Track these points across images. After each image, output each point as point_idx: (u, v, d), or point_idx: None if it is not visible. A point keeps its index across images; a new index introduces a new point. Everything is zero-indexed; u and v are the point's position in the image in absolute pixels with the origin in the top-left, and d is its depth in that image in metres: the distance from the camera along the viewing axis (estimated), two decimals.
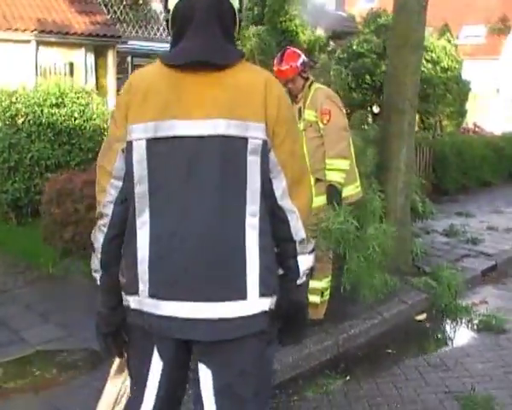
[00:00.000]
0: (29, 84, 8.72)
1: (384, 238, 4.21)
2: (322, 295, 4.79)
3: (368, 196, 5.34)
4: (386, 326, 5.13)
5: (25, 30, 10.08)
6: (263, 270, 1.88)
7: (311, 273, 2.15)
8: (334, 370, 4.40)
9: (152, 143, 1.86)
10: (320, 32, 8.72)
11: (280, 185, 1.91)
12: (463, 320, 5.28)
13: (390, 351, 4.74)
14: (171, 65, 1.91)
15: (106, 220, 1.96)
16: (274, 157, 1.90)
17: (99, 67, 11.20)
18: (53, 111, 7.67)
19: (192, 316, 1.85)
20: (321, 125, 4.47)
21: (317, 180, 4.54)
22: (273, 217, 1.93)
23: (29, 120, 7.59)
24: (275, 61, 4.74)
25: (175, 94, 1.89)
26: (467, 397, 3.92)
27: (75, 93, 7.99)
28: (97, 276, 2.06)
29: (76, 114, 7.66)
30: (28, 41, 9.92)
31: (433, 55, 9.83)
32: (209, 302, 1.84)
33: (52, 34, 9.98)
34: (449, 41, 10.97)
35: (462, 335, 5.06)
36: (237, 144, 1.84)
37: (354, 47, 9.29)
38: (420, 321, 5.36)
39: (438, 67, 9.93)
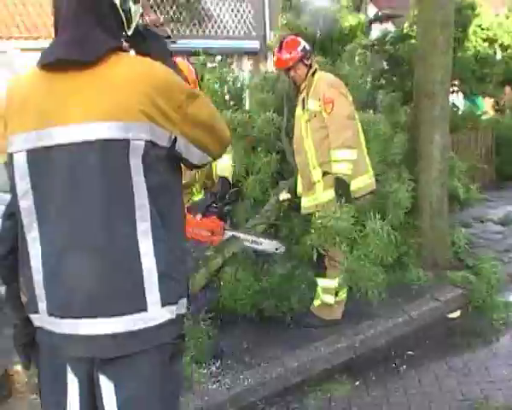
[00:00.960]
0: None
1: (385, 233, 3.89)
2: (336, 294, 4.56)
3: (392, 186, 5.06)
4: (412, 326, 4.80)
5: (46, 38, 10.30)
6: (163, 278, 1.76)
7: None
8: (346, 374, 4.16)
9: (33, 154, 1.74)
10: (362, 15, 8.35)
11: (195, 157, 1.89)
12: (498, 319, 4.86)
13: (412, 353, 4.44)
14: (43, 66, 1.78)
15: None
16: (181, 140, 1.80)
17: None
18: None
19: (90, 333, 1.74)
20: (324, 114, 4.25)
21: (325, 173, 4.34)
22: None
23: None
24: (275, 51, 4.57)
25: (52, 98, 1.74)
26: (481, 405, 3.59)
27: None
28: (2, 289, 2.00)
29: None
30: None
31: (490, 33, 9.21)
32: (107, 318, 1.72)
33: None
34: (507, 17, 10.24)
35: (492, 335, 4.63)
36: (118, 148, 1.69)
37: (405, 30, 8.88)
38: (453, 319, 5.00)
39: (496, 45, 9.30)
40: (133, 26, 1.91)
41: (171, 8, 12.54)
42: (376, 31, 10.08)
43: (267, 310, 4.66)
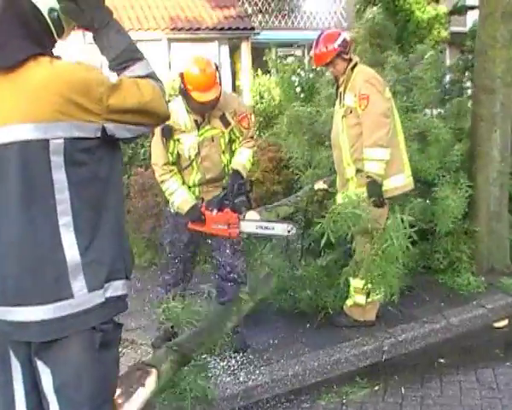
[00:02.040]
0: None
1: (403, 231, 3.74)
2: (368, 295, 4.43)
3: (443, 192, 4.87)
4: (450, 333, 4.61)
5: (156, 29, 10.71)
6: (88, 265, 1.88)
7: None
8: (368, 378, 4.07)
9: None
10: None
11: (129, 133, 1.96)
12: None
13: (443, 361, 4.26)
14: None
15: None
16: (110, 128, 1.90)
17: (235, 61, 11.57)
18: None
19: (23, 319, 1.88)
20: (359, 110, 4.15)
21: (358, 171, 4.24)
22: None
23: None
24: (313, 46, 4.49)
25: None
26: None
27: None
28: None
29: None
30: (159, 39, 10.50)
31: None
32: (37, 306, 1.86)
33: (183, 31, 10.47)
34: None
35: None
36: (38, 148, 1.80)
37: None
38: (498, 329, 4.74)
39: None
40: (65, 35, 2.01)
41: None
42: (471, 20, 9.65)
43: (302, 302, 4.65)
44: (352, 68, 4.33)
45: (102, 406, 1.99)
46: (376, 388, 3.95)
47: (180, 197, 3.98)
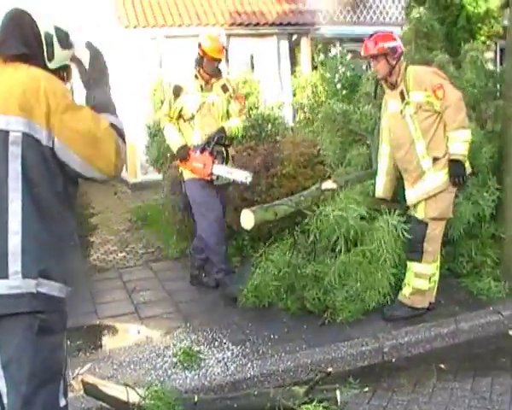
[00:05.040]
0: None
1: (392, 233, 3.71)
2: (429, 279, 4.54)
3: (457, 199, 4.77)
4: (458, 338, 4.49)
5: (215, 24, 10.88)
6: (26, 254, 2.07)
7: None
8: (361, 379, 4.01)
9: None
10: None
11: (76, 163, 2.15)
12: None
13: (443, 367, 4.17)
14: None
15: None
16: (59, 143, 2.11)
17: (296, 56, 11.59)
18: None
19: None
20: (436, 101, 4.31)
21: (435, 159, 4.39)
22: None
23: None
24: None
25: None
26: None
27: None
28: None
29: None
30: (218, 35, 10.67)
31: None
32: None
33: (242, 26, 10.59)
34: None
35: None
36: (1, 137, 2.08)
37: None
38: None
39: None
40: (54, 64, 2.30)
41: None
42: None
43: (309, 301, 4.69)
44: (405, 69, 4.49)
45: (40, 387, 2.13)
46: (366, 389, 3.91)
47: (174, 138, 5.12)
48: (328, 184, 4.81)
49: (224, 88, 5.18)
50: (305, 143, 6.55)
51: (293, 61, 12.00)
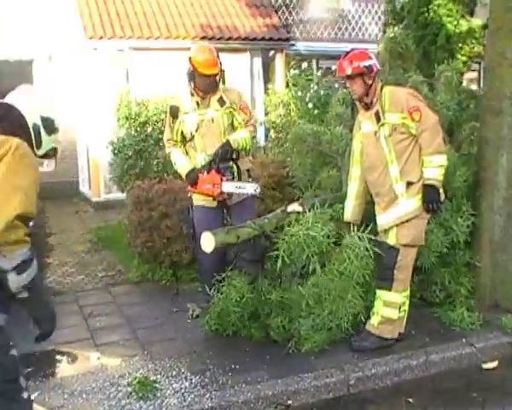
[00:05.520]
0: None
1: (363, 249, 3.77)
2: (399, 309, 4.58)
3: (429, 225, 4.83)
4: (428, 371, 4.53)
5: (185, 37, 10.93)
6: None
7: None
8: None
9: None
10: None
11: None
12: None
13: (411, 401, 4.19)
14: None
15: None
16: None
17: (269, 71, 11.70)
18: None
19: None
20: (411, 124, 4.38)
21: (409, 184, 4.45)
22: None
23: (157, 128, 8.27)
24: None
25: None
26: None
27: None
28: None
29: None
30: (188, 48, 10.72)
31: None
32: None
33: (214, 40, 10.64)
34: None
35: None
36: None
37: None
38: (486, 370, 4.62)
39: None
40: (42, 151, 2.88)
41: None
42: None
43: (273, 329, 4.72)
44: (381, 89, 4.57)
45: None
46: None
47: (181, 163, 5.07)
48: (294, 207, 4.85)
49: (221, 101, 5.01)
50: (274, 164, 6.63)
51: (267, 79, 12.09)
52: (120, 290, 6.32)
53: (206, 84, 4.92)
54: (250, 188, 4.79)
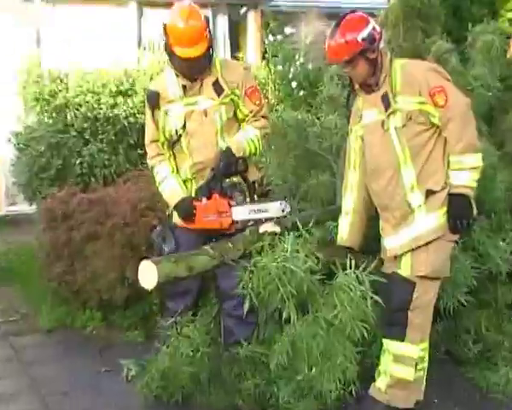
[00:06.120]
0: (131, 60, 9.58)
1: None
2: (415, 366, 4.53)
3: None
4: None
5: None
6: None
7: None
8: None
9: None
10: None
11: None
12: None
13: None
14: None
15: None
16: None
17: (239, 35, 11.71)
18: (115, 101, 8.30)
19: None
20: (433, 111, 4.36)
21: (429, 193, 4.44)
22: None
23: (81, 114, 8.27)
24: (328, 33, 4.62)
25: None
26: None
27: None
28: None
29: None
30: (126, 3, 10.77)
31: None
32: None
33: None
34: None
35: None
36: None
37: None
38: None
39: None
40: None
41: None
42: None
43: (243, 393, 4.73)
44: (390, 63, 4.57)
45: None
46: None
47: (169, 187, 4.90)
48: (268, 226, 4.80)
49: (218, 87, 4.79)
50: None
51: (236, 47, 12.18)
52: (26, 342, 6.27)
53: (189, 68, 4.71)
54: (275, 210, 4.72)
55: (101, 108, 8.63)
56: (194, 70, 4.70)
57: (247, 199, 4.81)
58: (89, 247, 6.15)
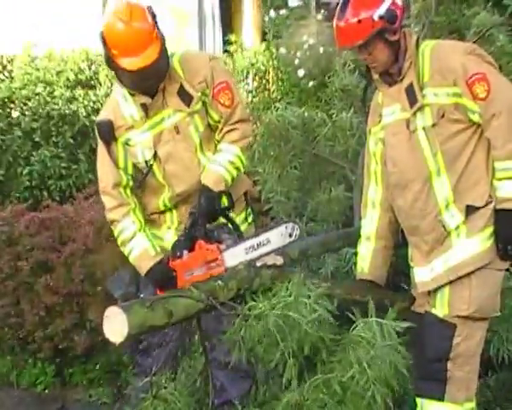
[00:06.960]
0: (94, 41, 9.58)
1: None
2: None
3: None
4: None
5: None
6: None
7: None
8: None
9: None
10: None
11: None
12: None
13: None
14: None
15: None
16: None
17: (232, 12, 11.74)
18: (73, 94, 8.30)
19: None
20: (473, 105, 4.29)
21: (470, 210, 4.39)
22: None
23: (29, 110, 8.27)
24: (336, 10, 4.54)
25: None
26: None
27: None
28: None
29: None
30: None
31: None
32: None
33: None
34: None
35: None
36: None
37: None
38: None
39: None
40: None
41: None
42: None
43: None
44: (417, 46, 4.50)
45: None
46: None
47: (139, 248, 4.71)
48: (270, 259, 4.75)
49: (184, 95, 4.67)
50: None
51: (229, 26, 12.22)
52: None
53: (142, 81, 4.51)
54: (280, 238, 4.62)
55: (55, 103, 8.51)
56: (150, 82, 4.53)
57: (238, 237, 4.62)
58: (40, 280, 6.13)
